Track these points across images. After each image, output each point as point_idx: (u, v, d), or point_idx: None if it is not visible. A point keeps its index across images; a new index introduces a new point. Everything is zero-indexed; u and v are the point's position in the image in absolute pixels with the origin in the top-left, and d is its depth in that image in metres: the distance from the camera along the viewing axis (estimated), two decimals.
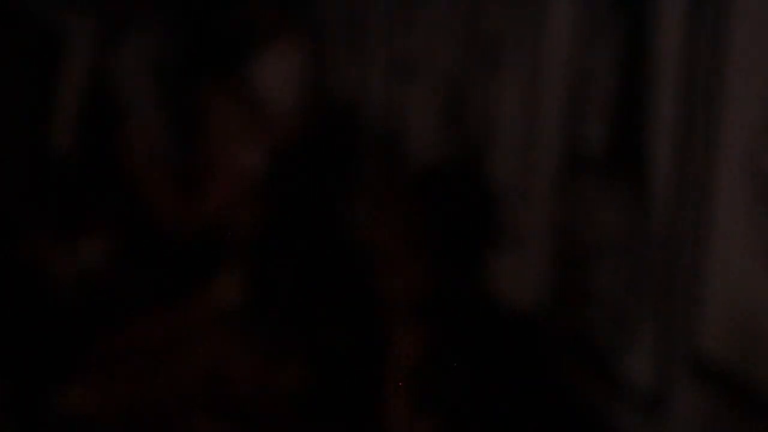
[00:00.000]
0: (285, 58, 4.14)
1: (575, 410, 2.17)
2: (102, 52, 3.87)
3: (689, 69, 1.99)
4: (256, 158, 3.19)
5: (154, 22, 4.14)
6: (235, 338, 2.63)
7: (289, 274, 2.38)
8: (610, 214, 2.27)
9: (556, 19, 2.50)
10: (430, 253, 1.96)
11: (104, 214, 3.99)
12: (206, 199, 3.44)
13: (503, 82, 2.81)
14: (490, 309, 2.03)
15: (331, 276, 2.31)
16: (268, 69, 4.07)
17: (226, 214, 3.27)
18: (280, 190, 2.72)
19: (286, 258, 2.47)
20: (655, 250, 2.07)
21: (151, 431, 2.46)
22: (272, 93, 3.71)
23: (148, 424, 2.47)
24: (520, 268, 2.64)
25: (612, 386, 2.17)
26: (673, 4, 2.04)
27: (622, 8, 2.24)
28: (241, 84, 3.80)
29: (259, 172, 2.81)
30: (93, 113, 4.67)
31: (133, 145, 3.39)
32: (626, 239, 2.18)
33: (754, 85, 1.75)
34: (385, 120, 3.76)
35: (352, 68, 4.08)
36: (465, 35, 3.09)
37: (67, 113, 3.99)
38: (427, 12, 3.38)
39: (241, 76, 4.12)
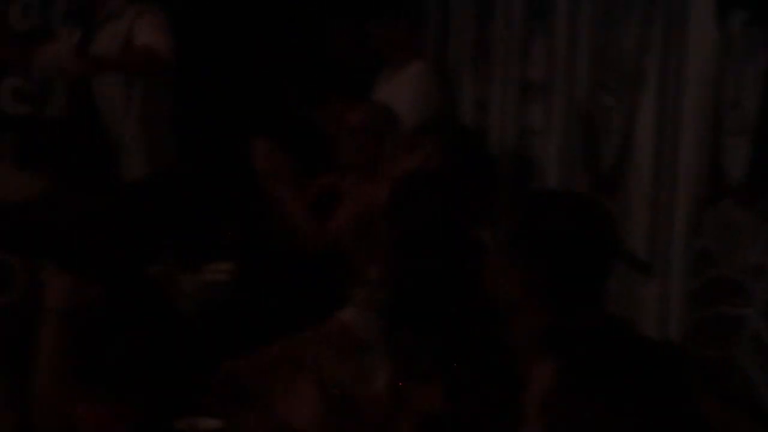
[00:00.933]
0: (412, 80, 4.12)
1: None
2: None
3: None
4: (383, 184, 3.17)
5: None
6: (368, 363, 2.60)
7: (418, 300, 2.34)
8: (755, 242, 2.17)
9: (697, 41, 2.41)
10: (557, 283, 1.91)
11: (231, 238, 4.01)
12: (335, 224, 3.43)
13: (639, 105, 2.72)
14: (621, 339, 1.96)
15: (461, 303, 2.27)
16: (396, 92, 4.05)
17: (355, 241, 3.25)
18: (408, 216, 2.68)
19: (415, 285, 2.43)
20: None
21: None
22: (399, 117, 3.69)
23: None
24: (660, 297, 2.56)
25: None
26: None
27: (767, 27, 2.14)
28: (369, 107, 3.79)
29: (388, 197, 2.78)
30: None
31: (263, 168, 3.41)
32: None
33: None
34: (513, 143, 3.70)
35: (480, 90, 4.03)
36: (599, 57, 3.01)
37: None
38: (559, 33, 3.31)
39: (368, 99, 4.11)
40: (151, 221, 4.28)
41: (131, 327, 2.54)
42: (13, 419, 3.55)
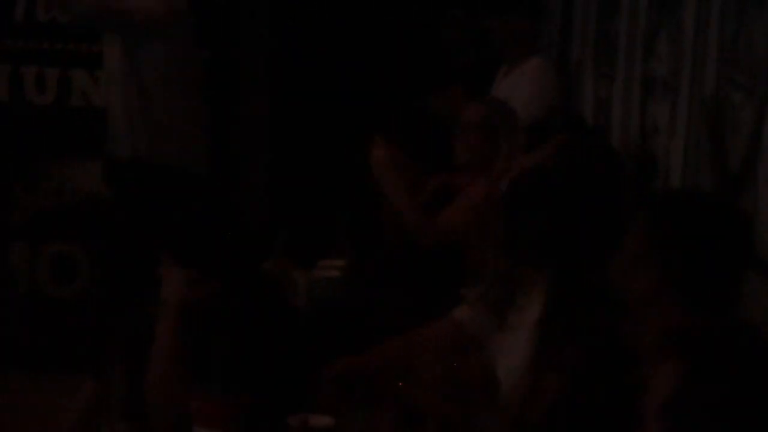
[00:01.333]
0: (531, 77, 4.06)
1: None
2: None
3: None
4: (499, 181, 3.11)
5: None
6: (480, 362, 2.56)
7: (572, 293, 2.30)
8: None
9: None
10: (689, 283, 1.89)
11: (345, 234, 4.01)
12: (444, 219, 3.40)
13: None
14: (751, 344, 1.90)
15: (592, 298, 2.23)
16: (514, 88, 4.00)
17: (468, 238, 3.22)
18: (524, 214, 2.62)
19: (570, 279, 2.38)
20: None
21: None
22: (517, 113, 3.63)
23: None
24: None
25: None
26: None
27: None
28: (486, 104, 3.74)
29: (504, 195, 2.73)
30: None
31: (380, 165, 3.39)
32: None
33: None
34: (636, 141, 3.61)
35: (602, 87, 3.95)
36: (728, 52, 2.91)
37: None
38: (686, 28, 3.21)
39: (485, 95, 4.07)
40: (264, 218, 4.30)
41: (245, 322, 2.55)
42: (128, 409, 3.62)
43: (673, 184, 3.25)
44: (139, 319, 3.45)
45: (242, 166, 5.07)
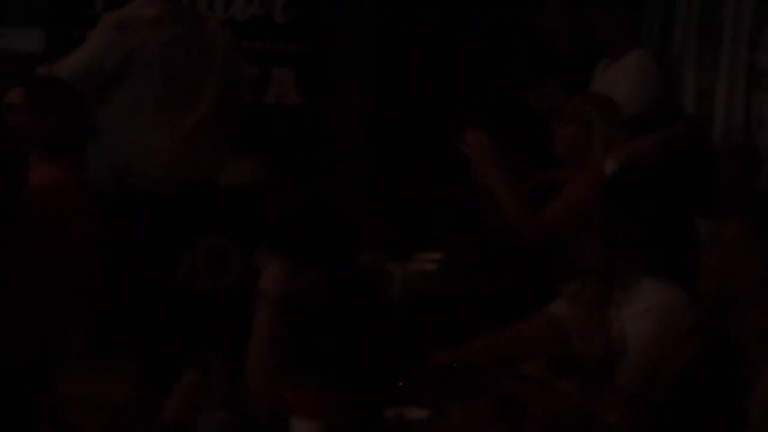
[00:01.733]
0: (632, 70, 4.01)
1: None
2: None
3: None
4: (599, 175, 3.08)
5: None
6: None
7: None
8: None
9: None
10: None
11: (442, 226, 4.01)
12: (548, 214, 3.37)
13: None
14: None
15: None
16: (615, 81, 3.95)
17: (568, 233, 3.18)
18: (624, 208, 2.59)
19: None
20: None
21: None
22: (619, 107, 3.58)
23: None
24: None
25: None
26: None
27: None
28: (588, 98, 3.70)
29: (604, 189, 2.69)
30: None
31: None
32: None
33: None
34: (740, 134, 3.54)
35: (705, 79, 3.88)
36: None
37: None
38: None
39: (587, 89, 4.03)
40: (362, 209, 4.31)
41: (343, 314, 2.56)
42: (227, 399, 3.66)
43: None
44: (236, 308, 3.50)
45: (340, 159, 5.09)
